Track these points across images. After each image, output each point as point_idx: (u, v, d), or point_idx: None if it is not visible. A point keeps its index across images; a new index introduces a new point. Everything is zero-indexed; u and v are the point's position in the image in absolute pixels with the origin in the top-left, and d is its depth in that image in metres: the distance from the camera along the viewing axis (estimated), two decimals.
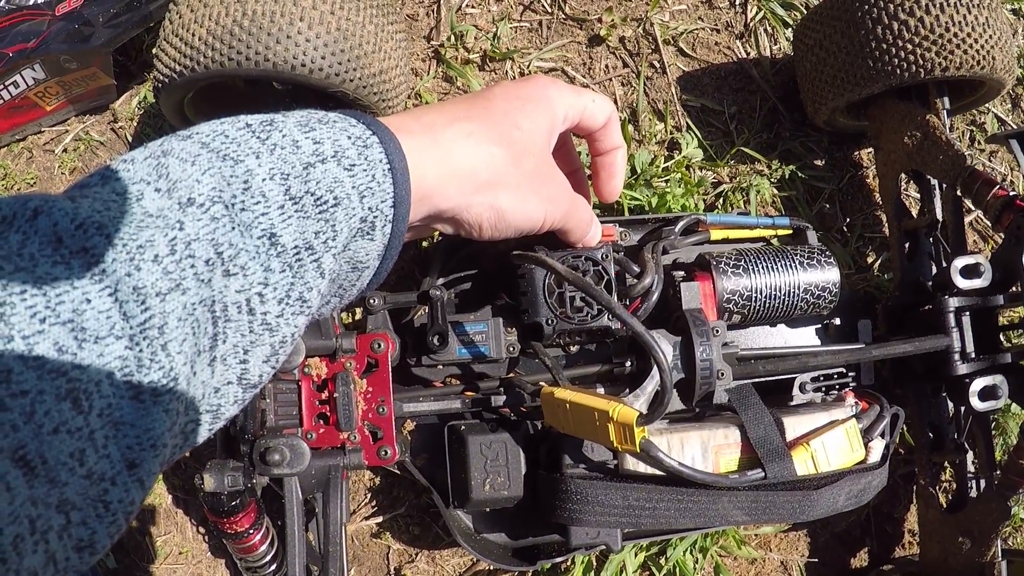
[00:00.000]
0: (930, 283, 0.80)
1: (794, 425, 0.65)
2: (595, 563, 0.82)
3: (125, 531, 0.35)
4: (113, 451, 0.32)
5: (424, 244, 0.83)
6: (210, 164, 0.37)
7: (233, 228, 0.36)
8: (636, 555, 0.81)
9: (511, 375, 0.71)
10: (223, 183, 0.36)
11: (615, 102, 0.89)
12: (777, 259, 0.71)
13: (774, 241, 0.79)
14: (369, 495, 0.83)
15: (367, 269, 0.45)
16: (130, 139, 0.88)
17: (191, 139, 0.38)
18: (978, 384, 0.72)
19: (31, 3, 0.84)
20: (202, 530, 0.83)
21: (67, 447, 0.30)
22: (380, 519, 0.83)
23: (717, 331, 0.66)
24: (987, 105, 0.94)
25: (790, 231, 0.78)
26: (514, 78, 0.88)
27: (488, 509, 0.71)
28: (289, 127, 0.40)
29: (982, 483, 0.78)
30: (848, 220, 0.91)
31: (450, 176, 0.47)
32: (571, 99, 0.56)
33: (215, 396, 0.38)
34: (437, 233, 0.81)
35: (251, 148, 0.38)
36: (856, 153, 0.93)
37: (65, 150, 0.87)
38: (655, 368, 0.59)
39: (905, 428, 0.86)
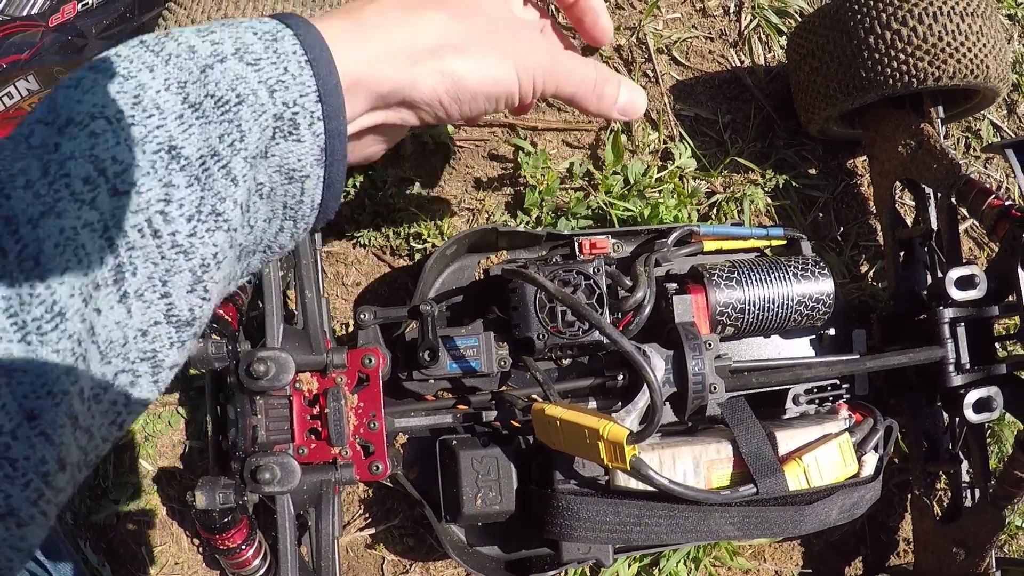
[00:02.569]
0: (925, 292, 0.79)
1: (787, 439, 0.65)
2: (588, 575, 0.82)
3: (59, 501, 0.32)
4: (8, 400, 0.30)
5: (425, 248, 0.82)
6: (94, 83, 0.34)
7: (119, 143, 0.33)
8: (629, 566, 0.81)
9: (502, 389, 0.71)
10: (107, 99, 0.34)
11: None
12: (771, 271, 0.71)
13: (768, 251, 0.79)
14: (363, 507, 0.83)
15: (307, 179, 0.40)
16: None
17: (81, 67, 0.36)
18: (972, 396, 0.72)
19: (25, 14, 0.84)
20: (197, 542, 0.84)
21: None
22: (374, 531, 0.83)
23: (710, 344, 0.66)
24: (982, 112, 0.93)
25: (784, 241, 0.78)
26: None
27: (480, 523, 0.71)
28: (186, 35, 0.37)
29: (976, 493, 0.78)
30: (842, 229, 0.91)
31: (380, 53, 0.42)
32: None
33: (144, 339, 0.35)
34: (430, 246, 0.82)
35: (144, 62, 0.35)
36: (850, 161, 0.92)
37: None
38: (645, 384, 0.58)
39: (900, 438, 0.85)
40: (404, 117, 0.46)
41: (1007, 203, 0.70)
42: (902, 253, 0.82)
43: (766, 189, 0.89)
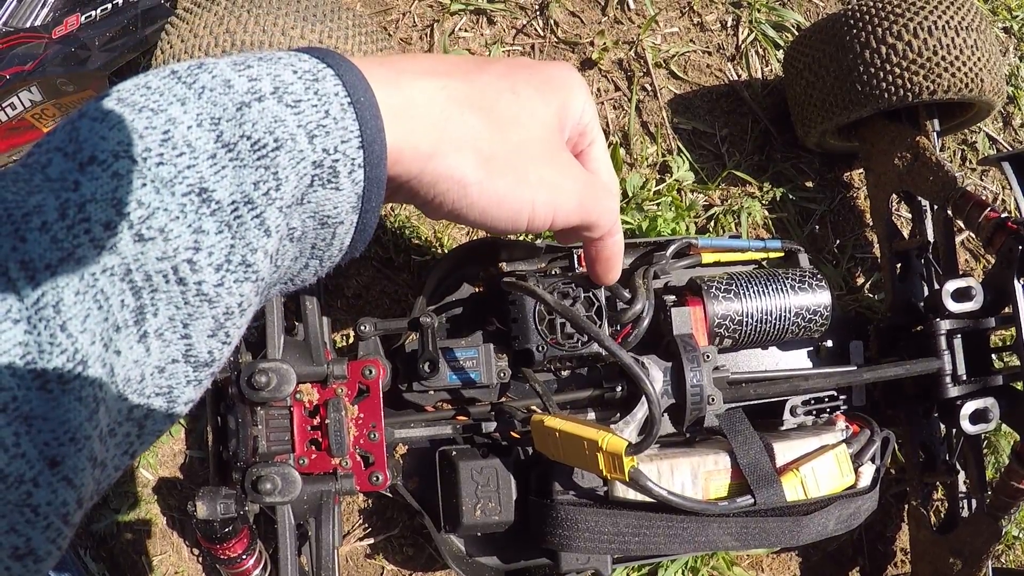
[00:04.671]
0: (922, 304, 0.80)
1: (784, 450, 0.66)
2: None
3: (71, 535, 0.32)
4: (28, 449, 0.29)
5: (425, 259, 0.83)
6: (121, 118, 0.32)
7: (144, 185, 0.31)
8: None
9: (502, 401, 0.71)
10: (134, 136, 0.32)
11: (607, 125, 0.89)
12: (768, 283, 0.71)
13: (765, 263, 0.79)
14: (362, 517, 0.84)
15: (340, 225, 0.38)
16: None
17: (108, 96, 0.33)
18: (969, 407, 0.73)
19: (28, 26, 0.84)
20: (197, 551, 0.84)
21: None
22: (373, 541, 0.83)
23: (708, 356, 0.67)
24: (978, 125, 0.94)
25: (781, 253, 0.78)
26: None
27: (479, 533, 0.71)
28: (221, 67, 0.34)
29: (973, 503, 0.79)
30: (839, 241, 0.92)
31: (410, 132, 0.39)
32: (590, 101, 0.47)
33: (160, 376, 0.34)
34: (429, 255, 0.82)
35: (175, 95, 0.33)
36: (847, 174, 0.93)
37: None
38: (644, 396, 0.59)
39: (897, 449, 0.86)
40: (397, 195, 0.43)
41: (1003, 215, 0.71)
42: (899, 265, 0.83)
43: (763, 202, 0.90)
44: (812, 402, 0.76)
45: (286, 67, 0.35)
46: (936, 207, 0.79)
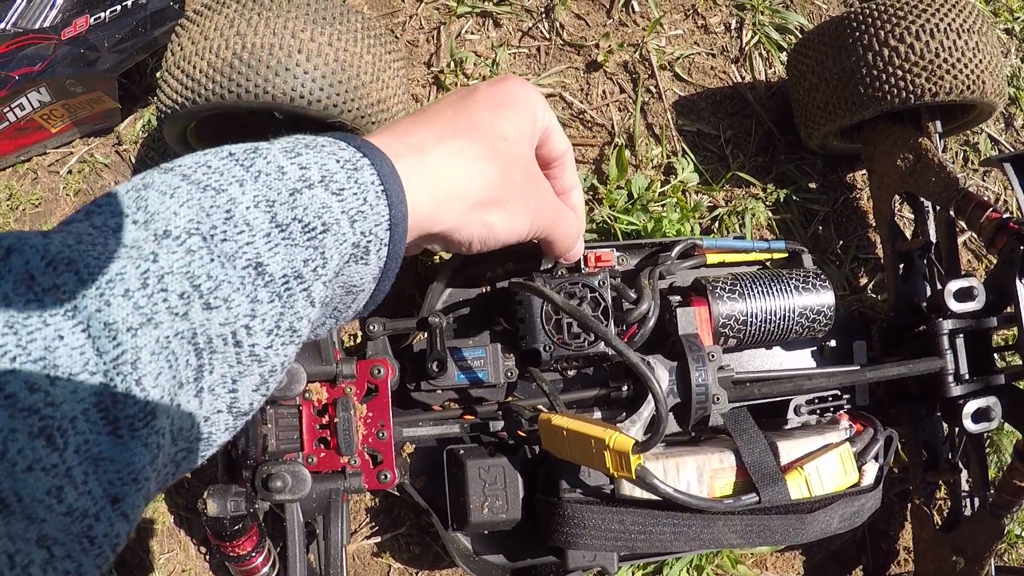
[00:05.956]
0: (924, 304, 0.80)
1: (788, 449, 0.66)
2: None
3: (114, 559, 0.35)
4: (94, 487, 0.32)
5: (432, 260, 0.84)
6: (189, 195, 0.36)
7: (212, 260, 0.35)
8: (633, 574, 0.82)
9: (509, 400, 0.72)
10: (202, 214, 0.36)
11: (612, 127, 0.90)
12: (772, 283, 0.72)
13: (769, 264, 0.80)
14: (370, 515, 0.84)
15: (362, 292, 0.44)
16: (134, 161, 0.89)
17: (172, 171, 0.37)
18: (971, 406, 0.73)
19: (37, 27, 0.85)
20: (204, 549, 0.84)
21: (43, 484, 0.30)
22: (381, 539, 0.84)
23: (713, 356, 0.68)
24: (980, 126, 0.95)
25: (785, 254, 0.79)
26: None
27: (487, 531, 0.72)
28: (274, 153, 0.39)
29: (976, 502, 0.79)
30: (843, 242, 0.92)
31: (442, 199, 0.46)
32: (545, 105, 0.56)
33: (205, 425, 0.38)
34: (437, 257, 0.83)
35: (234, 176, 0.38)
36: (850, 175, 0.94)
37: (70, 171, 0.89)
38: (651, 394, 0.60)
39: (900, 447, 0.86)
40: (432, 245, 0.51)
41: (1005, 216, 0.71)
42: (901, 265, 0.83)
43: (767, 203, 0.90)
44: (816, 401, 0.77)
45: (330, 156, 0.40)
46: (938, 208, 0.80)
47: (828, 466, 0.65)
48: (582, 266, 0.71)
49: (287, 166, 0.39)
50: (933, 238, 0.81)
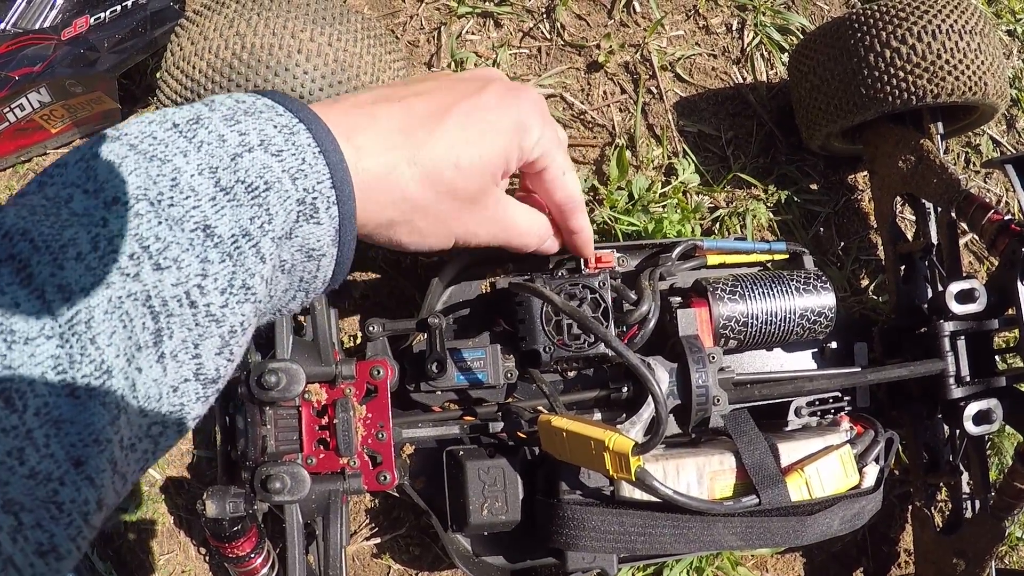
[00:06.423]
0: (925, 306, 0.80)
1: (789, 451, 0.66)
2: None
3: (91, 536, 0.35)
4: (56, 449, 0.33)
5: (432, 261, 0.83)
6: (136, 165, 0.38)
7: (160, 223, 0.37)
8: None
9: (509, 401, 0.71)
10: (149, 182, 0.38)
11: (613, 128, 0.90)
12: (773, 284, 0.72)
13: (770, 265, 0.80)
14: (369, 516, 0.84)
15: (323, 257, 0.45)
16: None
17: (119, 140, 0.39)
18: (972, 408, 0.73)
19: (37, 27, 0.85)
20: (203, 550, 0.84)
21: (3, 446, 0.31)
22: (380, 540, 0.84)
23: (713, 357, 0.67)
24: (982, 127, 0.94)
25: (786, 255, 0.79)
26: None
27: (486, 533, 0.72)
28: (215, 122, 0.41)
29: (977, 504, 0.79)
30: (844, 243, 0.92)
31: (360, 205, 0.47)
32: (546, 132, 0.57)
33: (175, 395, 0.38)
34: (437, 259, 0.83)
35: (178, 148, 0.39)
36: (851, 177, 0.94)
37: None
38: (651, 396, 0.59)
39: (901, 449, 0.86)
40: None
41: (1006, 218, 0.71)
42: (903, 267, 0.83)
43: (768, 204, 0.90)
44: (816, 403, 0.77)
45: (267, 122, 0.42)
46: (940, 210, 0.80)
47: (829, 468, 0.65)
48: (582, 267, 0.71)
49: (227, 134, 0.40)
50: (934, 240, 0.81)
